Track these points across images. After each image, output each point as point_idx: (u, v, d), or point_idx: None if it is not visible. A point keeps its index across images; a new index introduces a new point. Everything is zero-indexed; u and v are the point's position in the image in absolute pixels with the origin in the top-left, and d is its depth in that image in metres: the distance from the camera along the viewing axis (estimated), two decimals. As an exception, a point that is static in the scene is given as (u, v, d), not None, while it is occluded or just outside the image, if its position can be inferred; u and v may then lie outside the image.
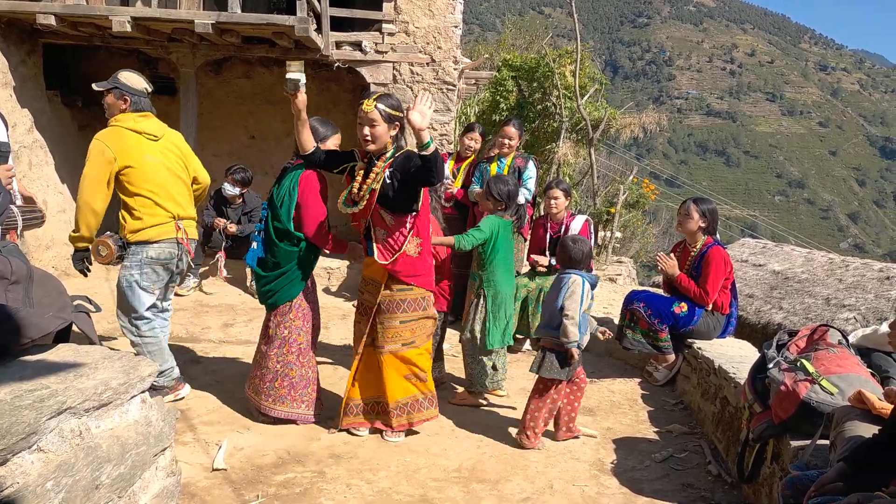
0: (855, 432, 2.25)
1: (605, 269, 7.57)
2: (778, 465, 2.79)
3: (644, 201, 9.19)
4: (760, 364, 3.01)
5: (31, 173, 6.46)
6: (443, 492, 3.10)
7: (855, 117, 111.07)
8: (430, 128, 3.20)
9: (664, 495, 3.15)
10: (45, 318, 2.09)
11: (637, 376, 4.86)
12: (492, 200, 4.15)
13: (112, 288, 6.29)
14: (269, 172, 8.21)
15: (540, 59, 9.03)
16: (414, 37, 7.05)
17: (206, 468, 3.18)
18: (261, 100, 8.24)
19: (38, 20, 6.07)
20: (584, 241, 3.76)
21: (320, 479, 3.15)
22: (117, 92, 3.81)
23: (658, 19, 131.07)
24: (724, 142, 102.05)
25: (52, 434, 1.75)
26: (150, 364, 2.18)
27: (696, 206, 4.49)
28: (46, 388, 1.84)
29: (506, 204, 4.16)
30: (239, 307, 6.11)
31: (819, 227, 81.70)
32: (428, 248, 3.56)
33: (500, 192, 4.13)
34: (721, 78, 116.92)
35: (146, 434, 2.10)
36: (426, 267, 3.54)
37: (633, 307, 4.63)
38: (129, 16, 6.09)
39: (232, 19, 6.16)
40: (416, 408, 3.59)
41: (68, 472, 1.75)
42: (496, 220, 4.10)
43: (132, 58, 7.88)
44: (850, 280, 5.51)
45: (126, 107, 3.81)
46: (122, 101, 3.81)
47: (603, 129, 8.57)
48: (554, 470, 3.37)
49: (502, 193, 4.13)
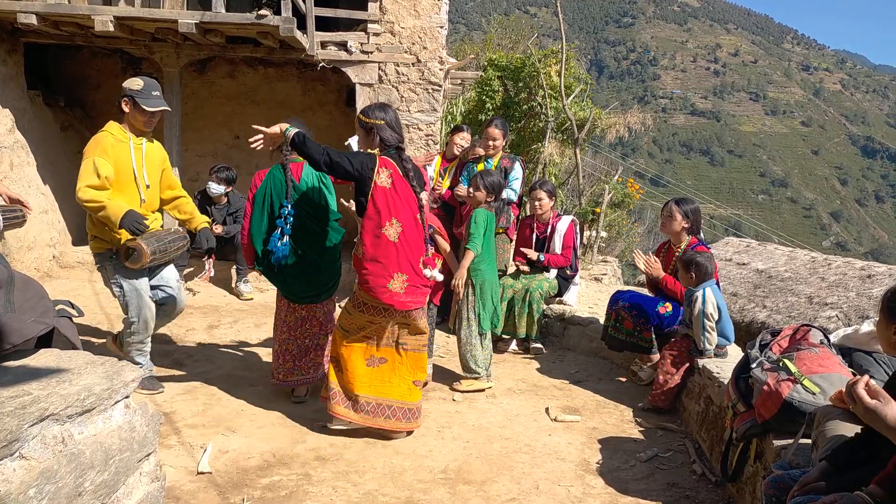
0: (836, 431, 2.27)
1: (590, 269, 7.60)
2: (761, 464, 2.82)
3: (629, 201, 9.23)
4: (744, 364, 3.04)
5: (12, 174, 6.39)
6: (429, 493, 3.11)
7: (837, 117, 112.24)
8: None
9: (649, 494, 3.17)
10: (26, 324, 2.07)
11: (622, 376, 4.89)
12: (482, 192, 4.34)
13: (95, 291, 6.25)
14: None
15: (525, 58, 9.05)
16: (399, 37, 7.04)
17: (191, 471, 3.16)
18: (245, 100, 8.20)
19: (20, 19, 6.00)
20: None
21: (306, 481, 3.14)
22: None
23: (643, 19, 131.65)
24: (709, 141, 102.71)
25: (35, 441, 1.73)
26: (133, 369, 2.16)
27: (678, 207, 4.52)
28: (28, 394, 1.82)
29: (495, 195, 4.39)
30: (223, 308, 6.08)
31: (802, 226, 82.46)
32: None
33: (489, 184, 4.36)
34: (705, 77, 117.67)
35: (130, 440, 2.08)
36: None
37: (619, 307, 4.65)
38: (112, 15, 6.04)
39: (216, 19, 6.11)
40: None
41: (51, 479, 1.74)
42: (485, 212, 4.34)
43: (115, 57, 7.81)
44: (833, 278, 5.57)
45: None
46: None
47: (588, 129, 8.60)
48: (540, 470, 3.38)
49: (492, 185, 4.37)
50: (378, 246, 3.41)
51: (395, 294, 3.43)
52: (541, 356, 5.22)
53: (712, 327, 3.93)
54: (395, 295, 3.43)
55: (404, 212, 3.43)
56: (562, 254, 5.37)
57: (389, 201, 3.39)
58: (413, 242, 3.46)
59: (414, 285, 3.48)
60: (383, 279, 3.42)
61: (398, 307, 3.47)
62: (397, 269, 3.42)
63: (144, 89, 3.73)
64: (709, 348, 3.95)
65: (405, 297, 3.46)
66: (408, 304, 3.49)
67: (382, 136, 3.50)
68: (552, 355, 5.26)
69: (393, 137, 3.51)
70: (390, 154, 3.49)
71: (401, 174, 3.45)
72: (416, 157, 4.70)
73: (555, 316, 5.54)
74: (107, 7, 6.23)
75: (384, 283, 3.41)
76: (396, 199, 3.40)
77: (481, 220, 4.29)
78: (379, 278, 3.42)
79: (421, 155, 6.64)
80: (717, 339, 3.97)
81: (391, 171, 3.41)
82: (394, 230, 3.40)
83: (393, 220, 3.40)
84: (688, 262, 4.03)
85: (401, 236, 3.41)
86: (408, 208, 3.44)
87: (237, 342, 5.22)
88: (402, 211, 3.42)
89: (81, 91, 7.86)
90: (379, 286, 3.42)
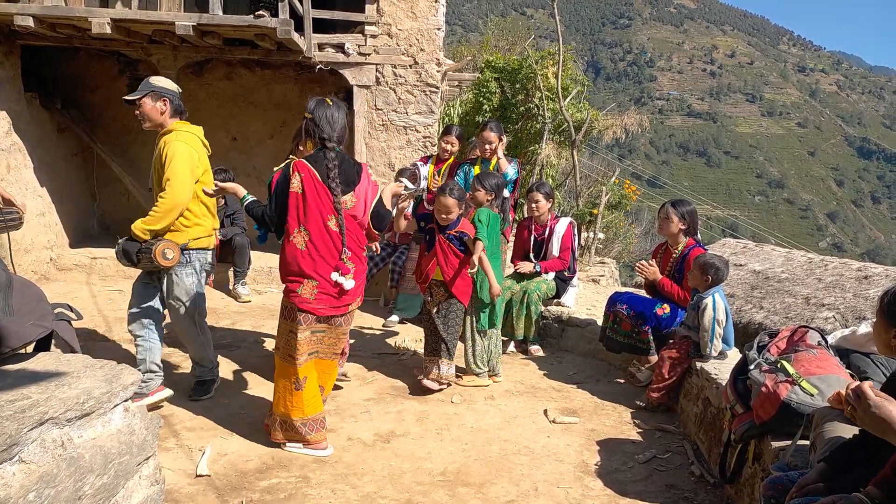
0: (835, 433, 2.28)
1: (588, 271, 7.61)
2: (759, 466, 2.82)
3: (626, 202, 9.22)
4: (742, 365, 3.05)
5: (9, 176, 6.37)
6: (428, 496, 3.11)
7: (833, 118, 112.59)
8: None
9: (647, 496, 3.18)
10: (25, 327, 2.07)
11: (620, 377, 4.90)
12: (482, 192, 4.45)
13: (93, 293, 6.24)
14: (252, 174, 8.16)
15: (522, 60, 9.04)
16: (397, 39, 7.04)
17: (190, 474, 3.16)
18: (242, 101, 8.19)
19: (16, 21, 5.98)
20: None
21: (305, 484, 3.14)
22: (154, 95, 3.75)
23: (639, 21, 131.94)
24: (705, 142, 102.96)
25: (34, 445, 1.73)
26: (132, 372, 2.16)
27: (674, 210, 4.53)
28: (28, 398, 1.82)
29: (495, 195, 4.50)
30: (221, 311, 6.07)
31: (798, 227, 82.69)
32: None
33: (491, 185, 4.49)
34: (701, 79, 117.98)
35: (129, 443, 2.08)
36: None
37: (616, 308, 4.66)
38: (109, 17, 6.03)
39: (213, 21, 6.11)
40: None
41: (50, 483, 1.73)
42: (489, 211, 4.42)
43: (112, 60, 7.80)
44: (829, 279, 5.58)
45: (167, 109, 3.79)
46: (161, 103, 3.76)
47: (585, 131, 8.60)
48: (539, 472, 3.38)
49: (493, 186, 4.50)
50: (288, 251, 3.37)
51: (305, 300, 3.36)
52: (539, 358, 5.23)
53: (720, 333, 3.94)
54: (305, 301, 3.36)
55: (313, 219, 3.32)
56: (559, 256, 5.38)
57: (298, 207, 3.31)
58: (322, 249, 3.36)
59: (324, 292, 3.39)
60: (295, 284, 3.37)
61: (314, 313, 3.39)
62: (307, 276, 3.35)
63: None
64: (713, 354, 3.96)
65: (317, 304, 3.38)
66: (320, 311, 3.40)
67: (310, 130, 3.39)
68: (550, 357, 5.26)
69: (318, 134, 3.37)
70: (315, 154, 3.38)
71: (317, 176, 3.31)
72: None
73: (553, 317, 5.54)
74: (104, 9, 6.22)
75: (295, 289, 3.36)
76: (305, 205, 3.30)
77: (485, 217, 4.34)
78: (292, 283, 3.38)
79: (418, 157, 6.65)
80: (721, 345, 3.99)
81: (303, 174, 3.30)
82: (301, 238, 3.33)
83: (301, 227, 3.32)
84: (706, 265, 4.00)
85: (308, 244, 3.33)
86: (317, 214, 3.32)
87: (235, 345, 5.21)
88: (311, 217, 3.32)
89: (78, 93, 7.84)
90: (292, 292, 3.38)
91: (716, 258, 4.04)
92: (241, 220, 6.67)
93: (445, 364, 4.33)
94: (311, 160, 3.34)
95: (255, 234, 4.16)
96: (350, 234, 3.42)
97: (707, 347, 3.94)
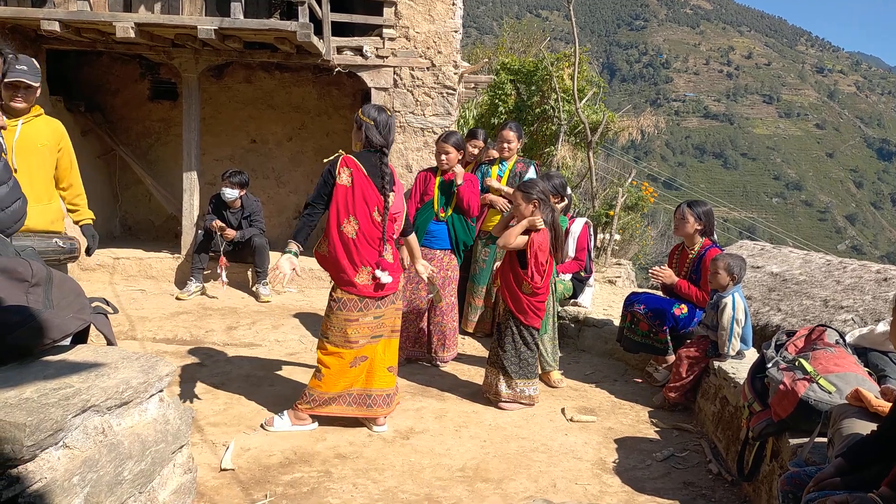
0: (852, 429, 2.31)
1: (604, 272, 7.63)
2: (777, 463, 2.85)
3: (643, 204, 9.24)
4: (759, 364, 3.07)
5: (35, 178, 6.49)
6: (447, 490, 3.16)
7: (852, 119, 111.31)
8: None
9: (665, 493, 3.21)
10: (65, 320, 2.14)
11: (637, 377, 4.92)
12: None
13: (116, 293, 6.35)
14: (270, 176, 8.26)
15: (538, 62, 9.09)
16: (414, 41, 7.11)
17: (214, 468, 3.23)
18: (262, 104, 8.29)
19: (43, 26, 6.10)
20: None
21: (327, 478, 3.21)
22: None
23: (655, 22, 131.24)
24: (722, 144, 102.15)
25: (77, 431, 1.81)
26: (167, 364, 2.23)
27: (690, 210, 4.55)
28: (70, 386, 1.89)
29: (561, 195, 4.71)
30: (242, 310, 6.16)
31: (817, 229, 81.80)
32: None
33: (554, 187, 4.69)
34: (718, 80, 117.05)
35: (164, 432, 2.15)
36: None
37: (634, 309, 4.69)
38: (133, 21, 6.13)
39: (235, 25, 6.20)
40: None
41: (93, 467, 1.81)
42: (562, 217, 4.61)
43: (134, 63, 7.93)
44: (848, 281, 5.56)
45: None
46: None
47: (601, 132, 8.62)
48: (557, 469, 3.43)
49: (556, 187, 4.72)
50: (340, 242, 3.56)
51: (365, 286, 3.59)
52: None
53: (739, 333, 3.97)
54: (365, 287, 3.59)
55: (361, 209, 3.54)
56: (575, 256, 5.41)
57: (347, 198, 3.53)
58: (370, 237, 3.58)
59: (371, 280, 3.63)
60: (351, 273, 3.56)
61: (371, 296, 3.61)
62: (361, 263, 3.57)
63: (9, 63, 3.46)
64: (732, 353, 3.98)
65: (373, 289, 3.62)
66: (376, 293, 3.63)
67: (368, 134, 3.63)
68: (567, 357, 5.29)
69: (377, 139, 3.62)
70: (364, 153, 3.62)
71: (364, 174, 3.55)
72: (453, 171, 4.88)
73: (570, 318, 5.58)
74: (128, 14, 6.32)
75: (352, 277, 3.56)
76: (353, 198, 3.53)
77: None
78: (346, 274, 3.57)
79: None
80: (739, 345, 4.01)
81: (352, 170, 3.54)
82: (351, 227, 3.54)
83: (351, 217, 3.54)
84: (729, 267, 4.04)
85: (358, 233, 3.55)
86: (364, 205, 3.55)
87: (256, 343, 5.30)
88: (359, 209, 3.54)
89: (100, 96, 7.98)
90: (349, 283, 3.58)
91: (734, 258, 4.06)
92: (260, 221, 6.76)
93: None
94: (360, 158, 3.58)
95: (274, 233, 4.25)
96: (388, 229, 3.66)
97: (725, 346, 3.97)
